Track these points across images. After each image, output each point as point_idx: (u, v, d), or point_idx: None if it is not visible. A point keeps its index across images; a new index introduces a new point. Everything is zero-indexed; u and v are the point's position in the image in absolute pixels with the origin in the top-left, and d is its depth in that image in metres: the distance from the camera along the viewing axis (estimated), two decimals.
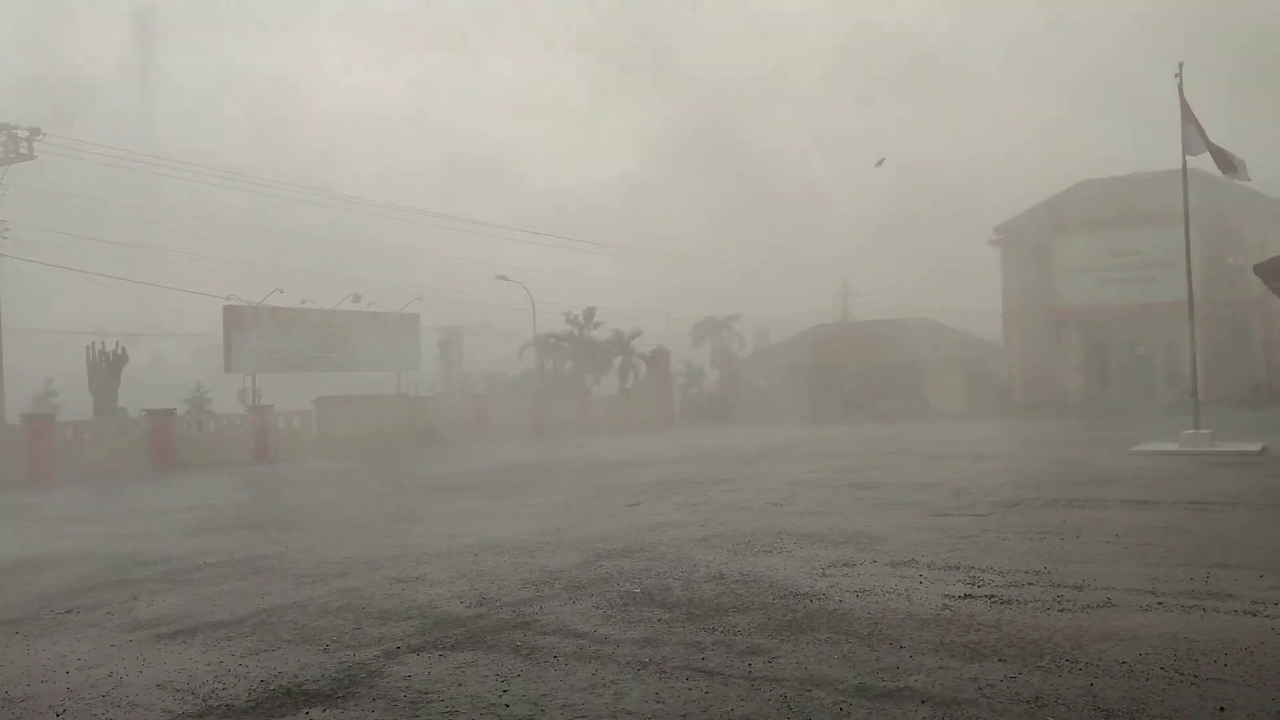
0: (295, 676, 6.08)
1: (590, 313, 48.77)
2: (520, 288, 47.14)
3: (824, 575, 8.51)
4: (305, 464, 27.87)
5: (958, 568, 8.63)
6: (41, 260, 31.85)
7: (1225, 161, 19.97)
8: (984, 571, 8.40)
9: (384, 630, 7.16)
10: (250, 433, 31.41)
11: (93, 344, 30.74)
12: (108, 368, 30.57)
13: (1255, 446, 19.41)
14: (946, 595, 7.56)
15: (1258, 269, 18.75)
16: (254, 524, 14.25)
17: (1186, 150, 20.29)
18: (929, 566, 8.73)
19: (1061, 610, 6.94)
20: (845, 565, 8.93)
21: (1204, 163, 21.40)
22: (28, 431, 26.53)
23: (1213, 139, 20.13)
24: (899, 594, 7.67)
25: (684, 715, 5.10)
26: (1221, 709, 4.85)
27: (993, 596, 7.45)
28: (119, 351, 30.97)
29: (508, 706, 5.35)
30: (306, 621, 7.57)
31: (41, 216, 32.95)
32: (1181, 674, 5.43)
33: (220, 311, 33.46)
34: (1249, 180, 21.01)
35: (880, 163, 56.98)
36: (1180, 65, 20.34)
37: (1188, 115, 20.17)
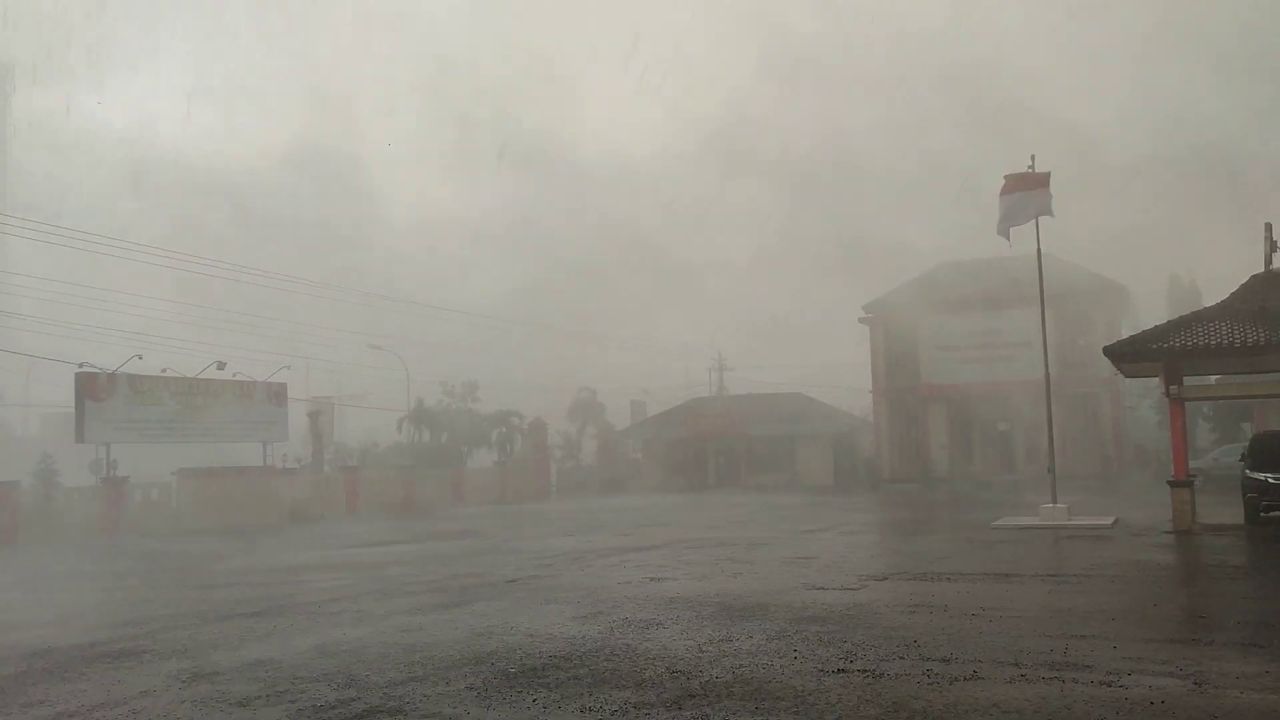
0: None
1: (471, 386, 48.29)
2: (396, 358, 46.43)
3: (700, 650, 8.49)
4: (142, 541, 26.56)
5: (830, 643, 8.73)
6: None
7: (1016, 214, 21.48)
8: (858, 646, 8.53)
9: (249, 716, 6.81)
10: (102, 506, 29.81)
11: None
12: None
13: (1108, 520, 20.33)
14: (822, 670, 7.63)
15: (1107, 350, 19.85)
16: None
17: (1006, 223, 21.70)
18: (804, 640, 8.81)
19: (931, 684, 7.08)
20: (723, 640, 8.94)
21: (1057, 246, 22.77)
22: None
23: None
24: (775, 669, 7.70)
25: None
26: None
27: (866, 670, 7.55)
28: None
29: None
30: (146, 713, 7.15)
31: None
32: None
33: (73, 379, 31.88)
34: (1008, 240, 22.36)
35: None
36: (1032, 157, 21.72)
37: (1012, 186, 21.59)
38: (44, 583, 17.21)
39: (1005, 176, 21.98)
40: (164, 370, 34.35)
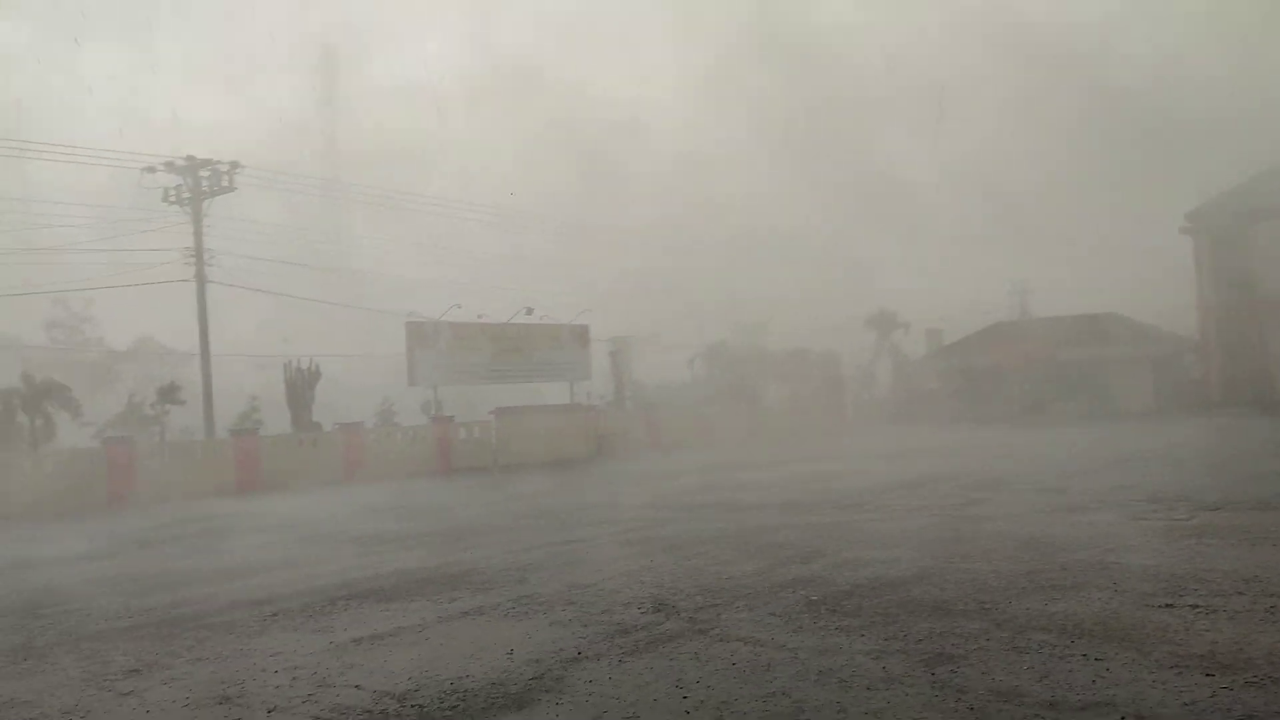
0: (483, 681, 6.31)
1: (763, 321, 48.60)
2: (687, 296, 47.48)
3: (1011, 584, 8.22)
4: (495, 476, 28.78)
5: (1156, 574, 8.18)
6: (244, 285, 34.12)
7: None
8: (1185, 579, 7.94)
9: (565, 636, 7.34)
10: (433, 443, 32.71)
11: (289, 363, 32.67)
12: (303, 385, 32.43)
13: None
14: (1146, 605, 7.18)
15: None
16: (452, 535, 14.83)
17: None
18: (1125, 572, 8.31)
19: (1275, 621, 6.49)
20: (1031, 573, 8.60)
21: None
22: (235, 445, 28.46)
23: None
24: (1094, 602, 7.33)
25: None
26: None
27: (1196, 606, 7.03)
28: (313, 369, 32.80)
29: (688, 714, 5.40)
30: (487, 627, 7.84)
31: (240, 244, 35.28)
32: None
33: (403, 328, 35.02)
34: None
35: None
36: None
37: None
38: (409, 513, 19.08)
39: None
40: (480, 317, 37.01)
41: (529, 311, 38.22)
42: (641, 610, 8.02)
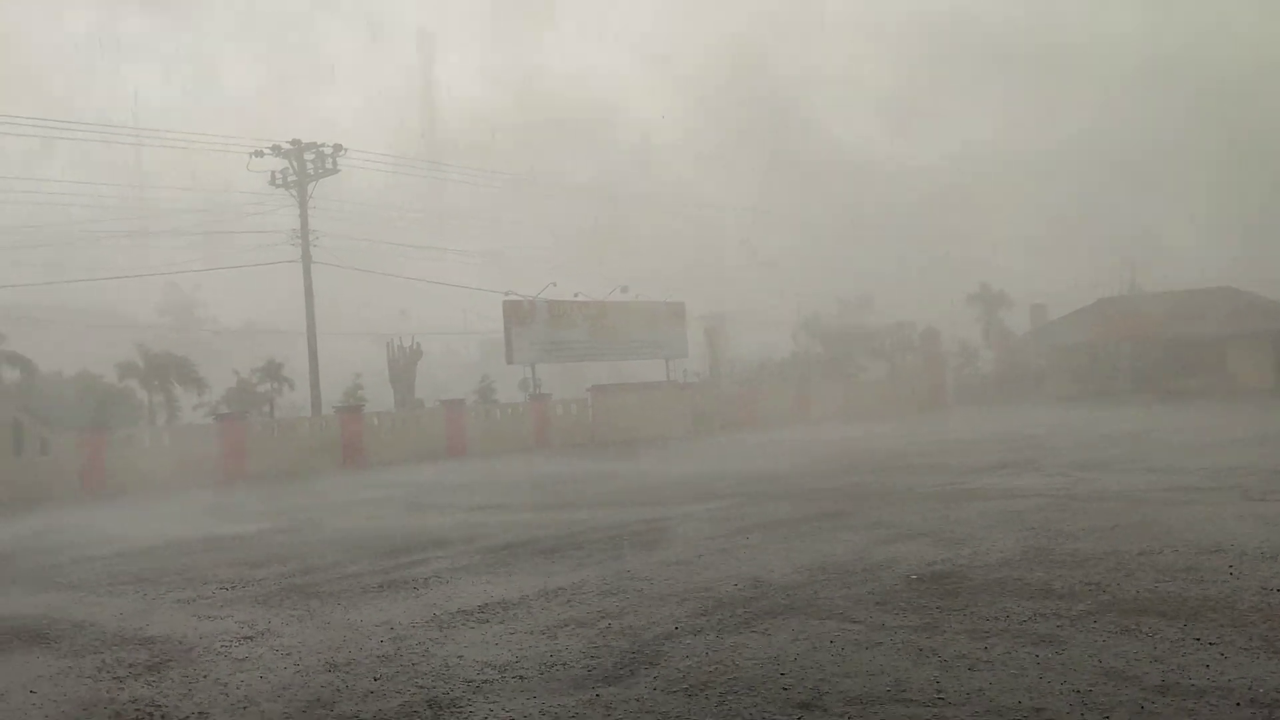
0: (581, 653, 6.39)
1: (864, 297, 47.89)
2: (781, 272, 47.04)
3: (1120, 565, 7.97)
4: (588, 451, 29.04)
5: (1275, 557, 7.85)
6: (348, 265, 34.97)
7: None
8: None
9: (662, 612, 7.38)
10: (531, 420, 33.15)
11: (392, 341, 33.44)
12: (405, 362, 33.17)
13: None
14: (1264, 588, 6.90)
15: None
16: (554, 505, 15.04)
17: None
18: (1241, 555, 7.99)
19: None
20: (1142, 554, 8.33)
21: None
22: (341, 422, 29.27)
23: None
24: (1209, 585, 7.07)
25: (966, 704, 4.95)
26: None
27: None
28: (415, 347, 33.52)
29: (785, 690, 5.38)
30: (585, 601, 7.92)
31: (343, 224, 36.09)
32: None
33: (500, 306, 35.47)
34: None
35: None
36: None
37: None
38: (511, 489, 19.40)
39: None
40: (575, 295, 37.27)
41: (624, 289, 38.34)
42: (738, 586, 8.01)
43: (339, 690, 5.91)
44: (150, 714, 5.71)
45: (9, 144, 40.26)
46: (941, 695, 5.11)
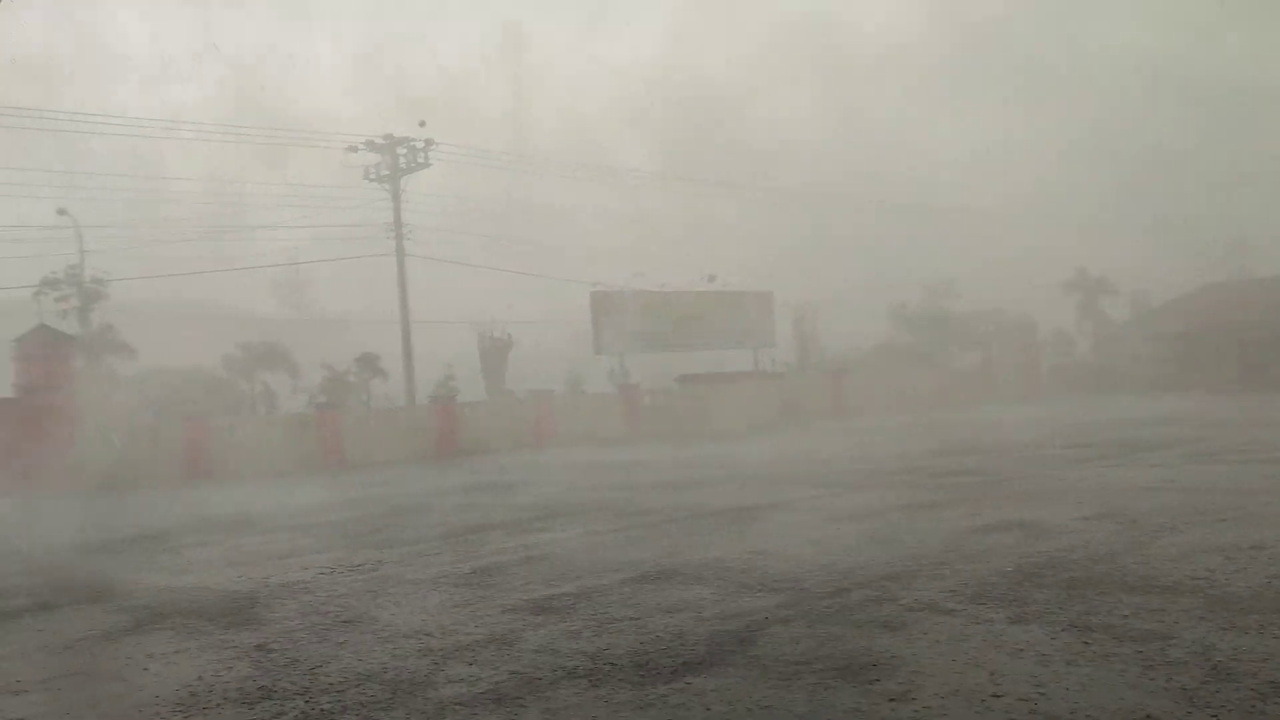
0: (670, 641, 6.41)
1: (953, 283, 46.96)
2: (866, 259, 46.40)
3: (1230, 560, 7.69)
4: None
5: None
6: (440, 257, 35.60)
7: None
8: None
9: (751, 602, 7.36)
10: (619, 411, 33.28)
11: (484, 332, 33.93)
12: (496, 353, 33.64)
13: None
14: None
15: None
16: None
17: None
18: None
19: None
20: (1254, 548, 8.02)
21: None
22: (435, 411, 29.84)
23: None
24: None
25: (1064, 700, 4.84)
26: None
27: None
28: (505, 338, 33.97)
29: (877, 682, 5.33)
30: (674, 589, 7.95)
31: (434, 217, 36.77)
32: None
33: (588, 297, 35.71)
34: None
35: None
36: None
37: None
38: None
39: None
40: (662, 285, 37.31)
41: (711, 279, 38.25)
42: (829, 576, 7.96)
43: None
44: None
45: (118, 144, 41.89)
46: (1041, 690, 5.00)
